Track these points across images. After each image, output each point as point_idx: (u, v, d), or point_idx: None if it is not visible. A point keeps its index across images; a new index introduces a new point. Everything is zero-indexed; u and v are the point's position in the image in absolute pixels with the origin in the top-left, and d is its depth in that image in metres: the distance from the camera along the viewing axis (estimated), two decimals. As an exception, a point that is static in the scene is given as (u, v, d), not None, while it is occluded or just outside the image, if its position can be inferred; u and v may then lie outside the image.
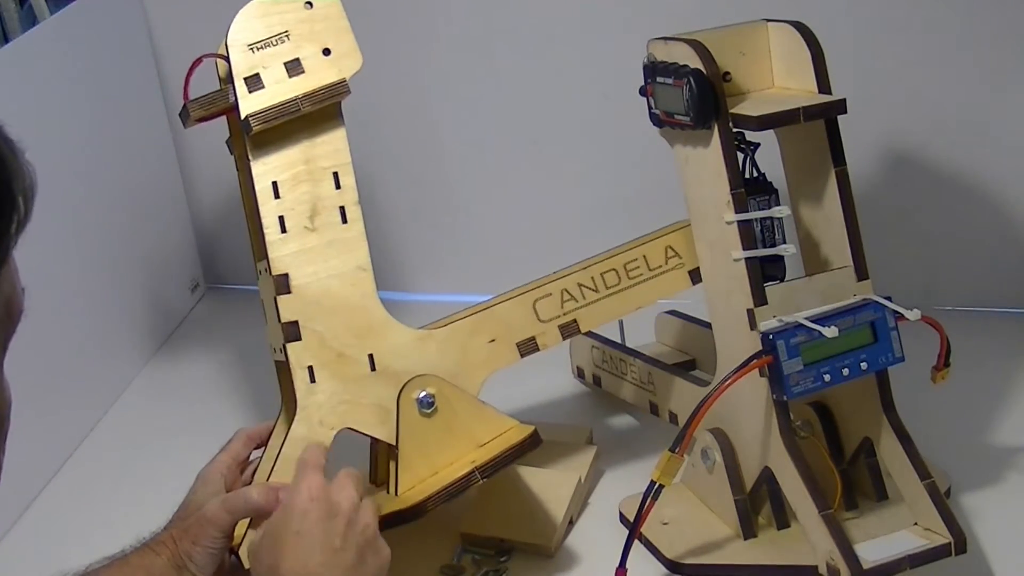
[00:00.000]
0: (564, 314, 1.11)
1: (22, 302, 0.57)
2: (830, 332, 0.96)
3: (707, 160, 1.02)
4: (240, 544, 0.99)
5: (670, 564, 1.05)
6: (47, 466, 1.26)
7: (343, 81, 1.04)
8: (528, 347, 1.11)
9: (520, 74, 1.46)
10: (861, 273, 1.02)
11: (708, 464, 1.08)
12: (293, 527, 0.90)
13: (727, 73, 1.02)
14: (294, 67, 1.03)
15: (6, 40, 1.38)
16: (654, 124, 1.06)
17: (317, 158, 1.04)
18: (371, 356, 1.04)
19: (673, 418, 1.17)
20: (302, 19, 1.04)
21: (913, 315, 0.99)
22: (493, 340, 1.10)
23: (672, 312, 1.36)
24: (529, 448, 1.05)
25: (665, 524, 1.08)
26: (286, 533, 0.91)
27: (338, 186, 1.04)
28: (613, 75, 1.18)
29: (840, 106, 1.00)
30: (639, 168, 1.44)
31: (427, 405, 1.04)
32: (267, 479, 1.02)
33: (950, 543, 0.98)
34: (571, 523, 1.12)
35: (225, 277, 1.62)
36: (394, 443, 1.04)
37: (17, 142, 0.56)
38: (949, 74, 1.36)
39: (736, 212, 1.00)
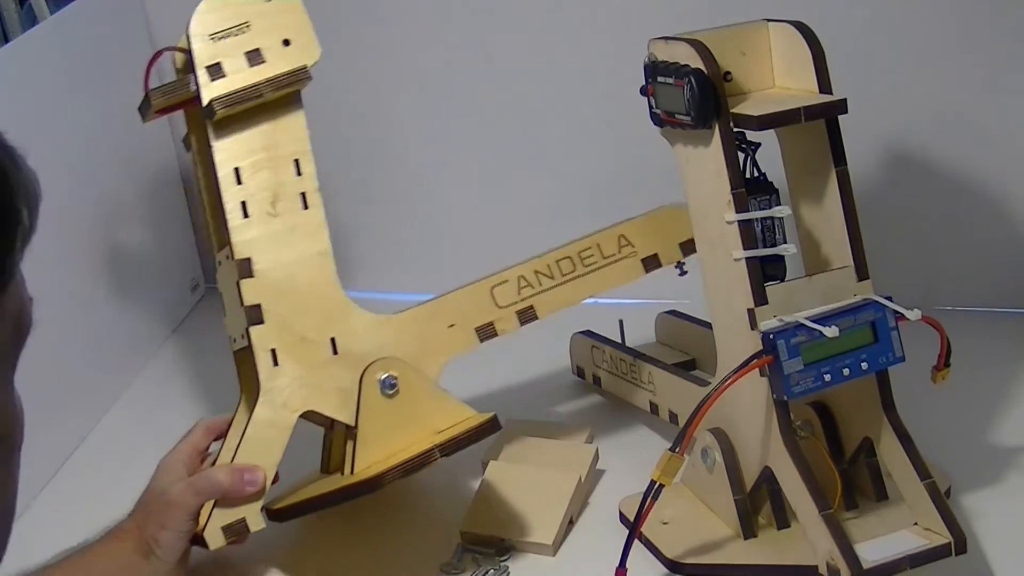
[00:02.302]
0: (521, 300, 1.13)
1: (31, 315, 0.57)
2: (830, 332, 0.96)
3: (708, 160, 1.02)
4: (205, 528, 1.00)
5: (670, 564, 1.05)
6: (46, 467, 1.26)
7: (304, 68, 1.05)
8: (487, 332, 1.12)
9: (520, 75, 1.46)
10: (861, 273, 1.02)
11: (708, 464, 1.08)
12: None
13: (728, 73, 1.02)
14: (254, 57, 1.05)
15: (6, 40, 1.38)
16: (655, 124, 1.06)
17: (278, 145, 1.06)
18: (333, 340, 1.06)
19: (673, 418, 1.17)
20: (262, 11, 1.06)
21: (913, 315, 0.99)
22: (452, 325, 1.11)
23: (672, 312, 1.36)
24: (489, 431, 1.06)
25: (665, 524, 1.08)
26: None
27: (299, 173, 1.06)
28: (615, 75, 1.18)
29: (841, 106, 1.00)
30: (615, 168, 1.45)
31: (389, 387, 1.06)
32: (231, 462, 1.02)
33: (950, 543, 0.98)
34: (571, 523, 1.12)
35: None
36: (353, 424, 1.05)
37: (18, 150, 0.55)
38: (949, 74, 1.36)
39: (737, 212, 1.00)
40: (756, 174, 1.04)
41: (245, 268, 1.05)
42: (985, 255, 1.42)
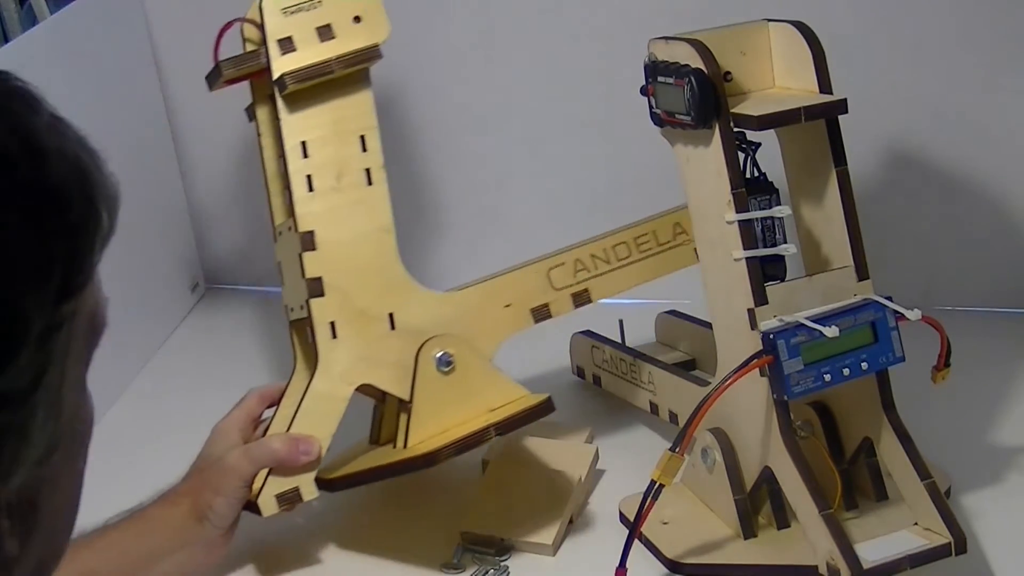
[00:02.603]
0: (577, 283, 1.15)
1: (105, 315, 0.58)
2: (831, 332, 0.96)
3: (708, 160, 1.02)
4: (259, 495, 1.01)
5: (670, 564, 1.05)
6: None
7: (376, 46, 1.07)
8: (542, 313, 1.14)
9: (518, 76, 1.46)
10: (861, 273, 1.02)
11: (708, 464, 1.08)
12: None
13: (728, 73, 1.02)
14: (325, 32, 1.07)
15: (6, 40, 1.38)
16: (655, 124, 1.06)
17: (345, 120, 1.08)
18: (391, 315, 1.07)
19: (673, 418, 1.17)
20: None
21: (913, 315, 0.99)
22: (509, 305, 1.13)
23: (672, 312, 1.36)
24: (544, 412, 1.07)
25: (665, 524, 1.07)
26: None
27: (364, 149, 1.08)
28: (616, 75, 1.18)
29: (841, 106, 1.00)
30: (646, 160, 1.44)
31: (445, 364, 1.07)
32: (286, 431, 1.05)
33: (950, 543, 0.98)
34: (571, 523, 1.12)
35: (225, 277, 1.62)
36: (408, 399, 1.06)
37: (99, 152, 0.57)
38: (949, 74, 1.36)
39: (737, 212, 1.00)
40: (756, 174, 1.04)
41: (308, 241, 1.06)
42: (985, 255, 1.42)
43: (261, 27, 1.06)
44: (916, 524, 1.01)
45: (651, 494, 0.96)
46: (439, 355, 1.07)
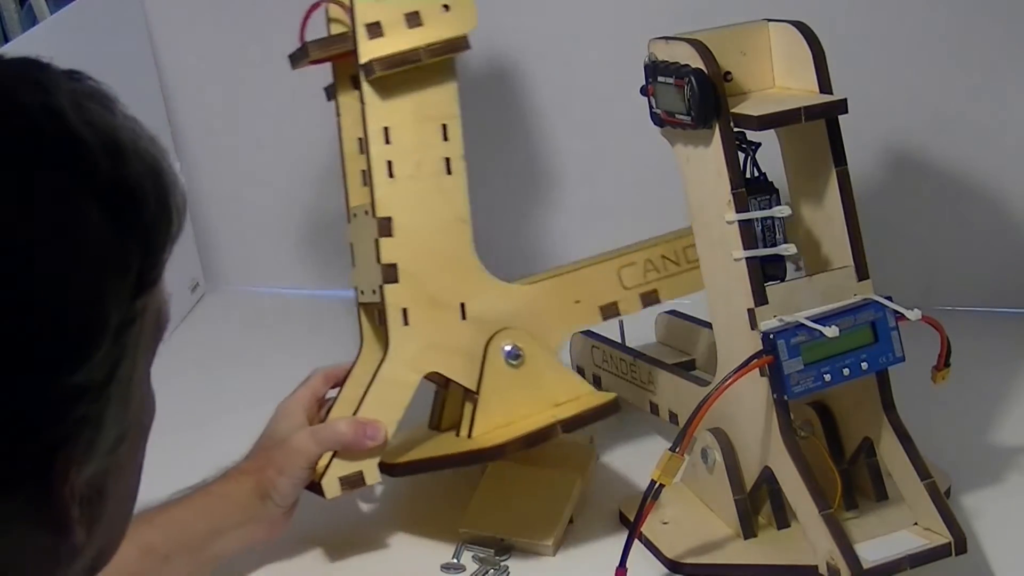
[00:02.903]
0: (646, 283, 1.15)
1: (169, 312, 0.60)
2: (831, 332, 0.96)
3: (708, 160, 1.02)
4: (323, 476, 1.02)
5: (670, 564, 1.05)
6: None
7: (464, 37, 1.07)
8: (610, 311, 1.14)
9: (521, 85, 1.46)
10: (861, 273, 1.02)
11: (708, 464, 1.08)
12: None
13: (728, 73, 1.02)
14: (413, 19, 1.06)
15: (6, 40, 1.38)
16: (655, 124, 1.06)
17: (428, 107, 1.08)
18: (463, 304, 1.08)
19: (673, 418, 1.17)
20: None
21: (913, 315, 0.99)
22: (578, 301, 1.13)
23: (672, 312, 1.36)
24: (609, 412, 1.07)
25: (665, 524, 1.07)
26: None
27: (446, 138, 1.08)
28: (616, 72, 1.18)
29: (841, 106, 1.00)
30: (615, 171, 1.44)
31: (514, 357, 1.08)
32: (353, 414, 1.06)
33: (950, 543, 0.98)
34: (571, 523, 1.12)
35: (225, 277, 1.62)
36: (475, 389, 1.06)
37: (168, 152, 0.58)
38: (949, 74, 1.36)
39: (737, 212, 1.00)
40: (756, 174, 1.04)
41: (385, 226, 1.07)
42: (985, 255, 1.42)
43: (350, 11, 1.07)
44: (916, 524, 1.01)
45: (651, 494, 0.96)
46: (508, 348, 1.08)
